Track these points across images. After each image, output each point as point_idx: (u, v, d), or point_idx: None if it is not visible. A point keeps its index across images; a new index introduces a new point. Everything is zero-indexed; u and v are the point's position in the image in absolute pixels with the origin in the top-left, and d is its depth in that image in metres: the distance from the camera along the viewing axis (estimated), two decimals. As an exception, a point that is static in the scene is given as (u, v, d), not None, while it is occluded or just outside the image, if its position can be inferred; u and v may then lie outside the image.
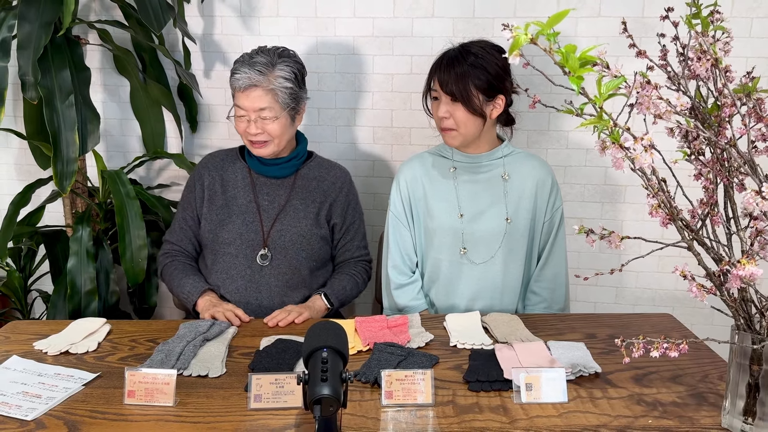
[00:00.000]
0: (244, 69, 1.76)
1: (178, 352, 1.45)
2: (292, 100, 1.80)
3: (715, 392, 1.32)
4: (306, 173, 1.93)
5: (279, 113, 1.78)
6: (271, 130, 1.79)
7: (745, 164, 1.05)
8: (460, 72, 1.71)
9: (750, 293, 1.08)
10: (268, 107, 1.76)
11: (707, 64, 1.05)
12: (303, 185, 1.91)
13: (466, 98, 1.71)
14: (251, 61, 1.77)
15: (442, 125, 1.78)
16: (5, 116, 2.46)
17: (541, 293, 1.89)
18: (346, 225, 1.95)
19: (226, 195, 1.90)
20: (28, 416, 1.22)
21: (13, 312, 2.52)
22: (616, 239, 1.11)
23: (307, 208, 1.89)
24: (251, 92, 1.76)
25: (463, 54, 1.73)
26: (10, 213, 2.12)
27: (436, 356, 1.47)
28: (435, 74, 1.77)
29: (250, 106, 1.77)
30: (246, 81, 1.75)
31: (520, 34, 0.88)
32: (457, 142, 1.80)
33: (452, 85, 1.71)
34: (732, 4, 2.16)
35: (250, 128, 1.79)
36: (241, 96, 1.77)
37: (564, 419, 1.22)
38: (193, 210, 1.92)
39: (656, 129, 1.11)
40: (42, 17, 1.91)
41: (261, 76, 1.75)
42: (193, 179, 1.95)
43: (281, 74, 1.77)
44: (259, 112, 1.77)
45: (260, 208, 1.88)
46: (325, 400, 0.97)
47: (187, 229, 1.93)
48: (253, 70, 1.75)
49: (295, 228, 1.87)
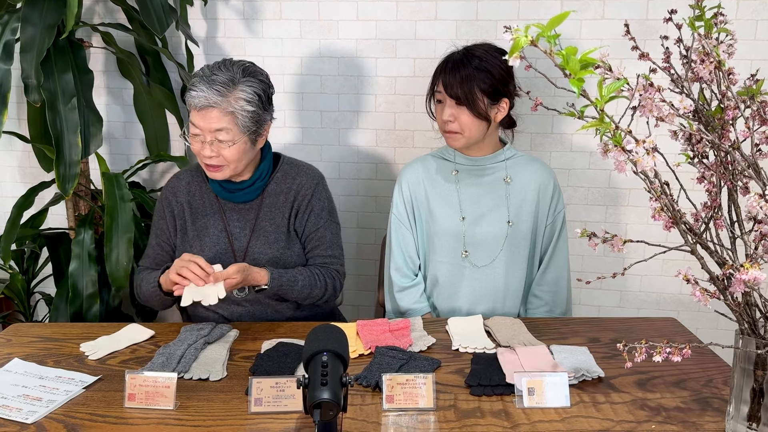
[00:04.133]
0: (201, 86, 1.58)
1: (179, 356, 1.45)
2: (253, 123, 1.63)
3: (719, 397, 1.31)
4: (273, 189, 1.78)
5: (237, 137, 1.62)
6: (226, 155, 1.63)
7: (748, 167, 1.04)
8: (465, 75, 1.70)
9: (754, 297, 1.07)
10: (225, 128, 1.59)
11: (710, 66, 1.04)
12: (270, 203, 1.78)
13: (471, 102, 1.70)
14: (211, 77, 1.59)
15: (446, 128, 1.77)
16: (9, 119, 2.48)
17: (543, 297, 1.88)
18: (307, 233, 1.80)
19: (196, 225, 1.78)
20: (29, 419, 1.22)
21: (16, 314, 2.53)
22: (618, 243, 1.10)
23: (278, 228, 1.77)
24: (207, 113, 1.58)
25: (468, 57, 1.73)
26: (14, 215, 2.12)
27: (438, 360, 1.46)
28: (439, 77, 1.76)
29: (205, 127, 1.60)
30: (203, 100, 1.57)
31: (520, 36, 0.87)
32: (460, 145, 1.79)
33: (457, 88, 1.70)
34: (737, 6, 2.15)
35: (204, 150, 1.62)
36: (197, 115, 1.60)
37: (566, 424, 1.21)
38: (168, 237, 1.81)
39: (660, 132, 1.11)
40: (45, 20, 1.91)
41: (219, 96, 1.57)
42: (162, 205, 1.81)
43: (243, 95, 1.60)
44: (215, 133, 1.60)
45: (231, 236, 1.76)
46: (324, 404, 0.97)
47: (163, 255, 1.81)
48: (212, 89, 1.57)
49: (269, 252, 1.75)
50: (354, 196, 2.49)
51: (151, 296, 1.72)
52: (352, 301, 2.57)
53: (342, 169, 2.47)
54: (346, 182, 2.49)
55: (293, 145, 2.46)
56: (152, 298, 1.73)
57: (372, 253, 2.48)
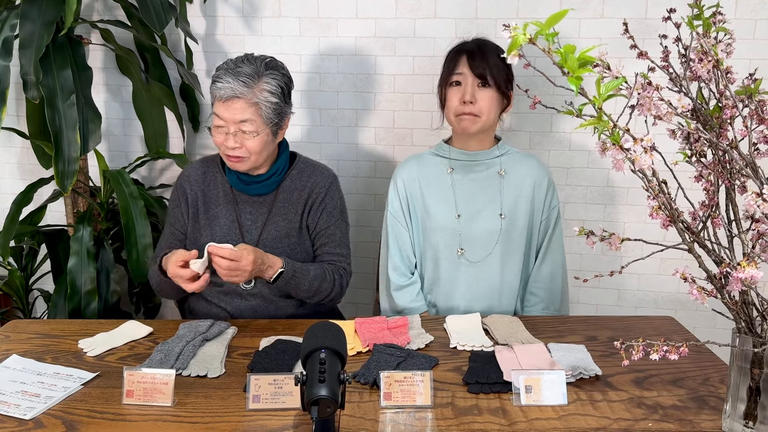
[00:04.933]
0: (227, 78, 1.63)
1: (177, 352, 1.45)
2: (275, 115, 1.68)
3: (716, 395, 1.31)
4: (287, 185, 1.81)
5: (261, 128, 1.66)
6: (249, 146, 1.66)
7: (746, 166, 1.04)
8: (491, 58, 1.75)
9: (751, 296, 1.08)
10: (249, 119, 1.64)
11: (708, 65, 1.04)
12: (284, 198, 1.80)
13: (499, 79, 1.75)
14: (236, 69, 1.64)
15: (465, 110, 1.77)
16: (8, 116, 2.47)
17: (539, 293, 1.88)
18: (318, 229, 1.82)
19: (208, 214, 1.80)
20: (27, 415, 1.22)
21: (15, 311, 2.52)
22: (616, 241, 1.10)
23: (290, 224, 1.79)
24: (233, 103, 1.63)
25: (485, 44, 1.79)
26: (13, 212, 2.12)
27: (436, 358, 1.46)
28: (460, 58, 1.78)
29: (230, 118, 1.64)
30: (229, 91, 1.62)
31: (518, 34, 0.87)
32: (476, 128, 1.79)
33: (485, 67, 1.74)
34: (736, 5, 2.15)
35: (228, 141, 1.66)
36: (222, 106, 1.65)
37: (564, 422, 1.21)
38: (182, 225, 1.82)
39: (658, 131, 1.11)
40: (44, 16, 1.91)
41: (245, 87, 1.62)
42: (177, 194, 1.84)
43: (267, 87, 1.65)
44: (239, 124, 1.64)
45: (242, 228, 1.78)
46: (322, 401, 0.97)
47: (176, 243, 1.82)
48: (237, 81, 1.62)
49: (279, 247, 1.76)
50: (353, 194, 2.49)
51: (164, 285, 1.72)
52: (350, 299, 2.57)
53: (341, 167, 2.47)
54: (344, 180, 2.48)
55: (292, 142, 2.43)
56: (165, 287, 1.73)
57: (370, 251, 2.48)
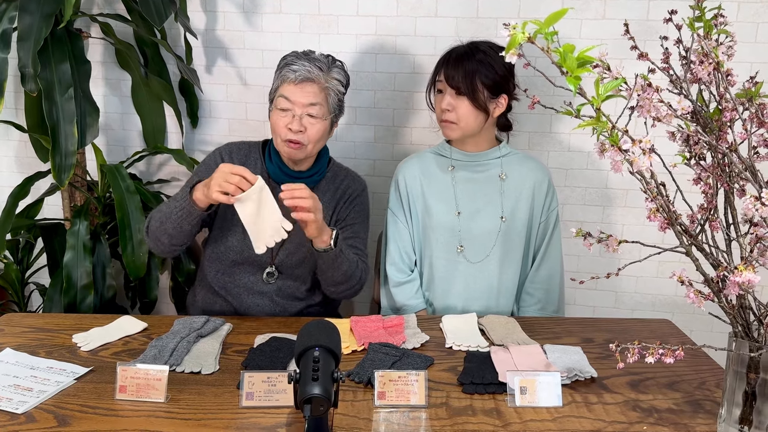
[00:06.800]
0: (302, 62, 1.69)
1: (171, 348, 1.44)
2: (337, 106, 1.75)
3: (711, 399, 1.31)
4: (322, 186, 1.83)
5: (325, 115, 1.71)
6: (311, 133, 1.69)
7: (745, 170, 1.04)
8: (468, 68, 1.73)
9: (748, 300, 1.07)
10: (318, 104, 1.68)
11: (709, 67, 1.04)
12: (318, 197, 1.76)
13: (472, 93, 1.73)
14: (309, 56, 1.71)
15: (443, 118, 1.79)
16: (6, 108, 2.47)
17: (535, 294, 1.88)
18: (347, 222, 1.84)
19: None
20: (19, 409, 1.21)
21: (10, 304, 2.52)
22: (613, 243, 1.10)
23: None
24: (306, 86, 1.68)
25: (472, 50, 1.76)
26: (9, 205, 2.11)
27: (431, 357, 1.46)
28: (442, 67, 1.78)
29: (300, 101, 1.67)
30: (304, 73, 1.67)
31: (517, 33, 0.86)
32: (455, 135, 1.81)
33: (459, 79, 1.73)
34: (738, 8, 2.15)
35: (293, 124, 1.67)
36: (294, 88, 1.68)
37: (558, 424, 1.20)
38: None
39: (657, 133, 1.10)
40: (43, 9, 1.90)
41: (320, 71, 1.69)
42: (214, 158, 1.82)
43: (336, 76, 1.73)
44: (308, 107, 1.68)
45: None
46: (315, 399, 0.96)
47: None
48: (313, 65, 1.68)
49: (305, 244, 1.75)
50: (351, 192, 2.48)
51: (172, 215, 1.63)
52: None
53: (339, 165, 2.46)
54: (343, 178, 2.48)
55: (291, 139, 2.45)
56: (172, 216, 1.63)
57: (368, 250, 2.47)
